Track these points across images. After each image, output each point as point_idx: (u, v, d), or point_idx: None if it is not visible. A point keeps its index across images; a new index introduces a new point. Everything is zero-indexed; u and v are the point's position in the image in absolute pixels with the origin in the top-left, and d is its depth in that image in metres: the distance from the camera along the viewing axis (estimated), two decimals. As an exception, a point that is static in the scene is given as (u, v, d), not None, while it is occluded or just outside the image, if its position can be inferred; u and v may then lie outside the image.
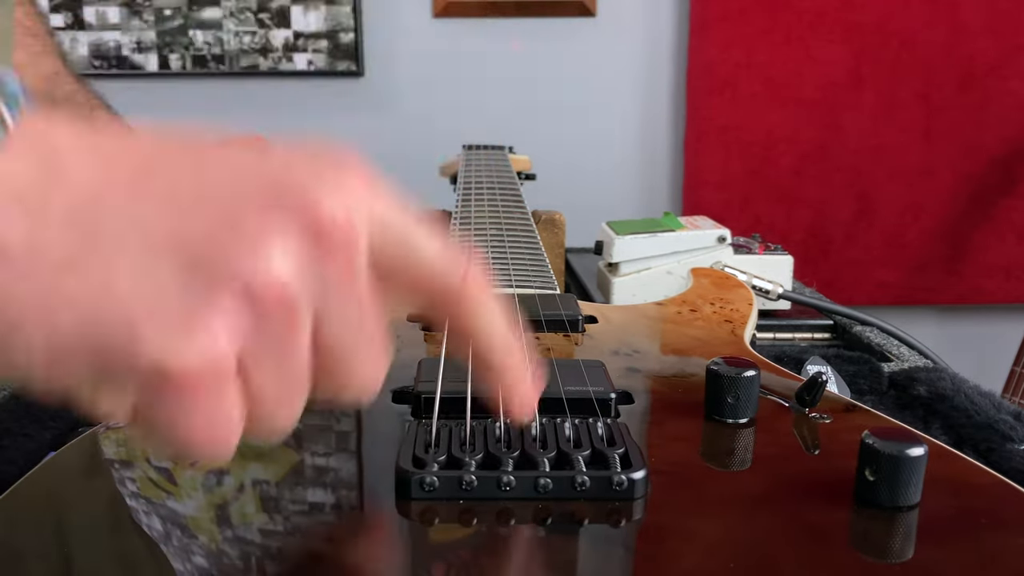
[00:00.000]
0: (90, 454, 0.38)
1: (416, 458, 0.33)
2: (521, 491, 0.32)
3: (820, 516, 0.32)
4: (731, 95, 1.80)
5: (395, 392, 0.42)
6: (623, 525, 0.32)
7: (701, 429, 0.40)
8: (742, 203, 1.84)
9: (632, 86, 1.87)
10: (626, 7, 1.83)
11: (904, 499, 0.32)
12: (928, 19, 1.77)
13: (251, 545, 0.30)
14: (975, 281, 1.89)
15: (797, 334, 0.79)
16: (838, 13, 1.77)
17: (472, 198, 0.80)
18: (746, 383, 0.39)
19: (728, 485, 0.35)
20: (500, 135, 1.32)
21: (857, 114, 1.81)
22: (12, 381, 0.26)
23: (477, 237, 0.67)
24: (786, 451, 0.38)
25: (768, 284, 0.78)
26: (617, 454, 0.34)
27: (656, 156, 1.90)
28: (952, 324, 1.97)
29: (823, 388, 0.41)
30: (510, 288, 0.56)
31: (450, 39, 1.84)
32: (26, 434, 0.50)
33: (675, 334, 0.54)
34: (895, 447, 0.32)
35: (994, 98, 1.80)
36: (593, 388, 0.40)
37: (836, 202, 1.85)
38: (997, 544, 0.31)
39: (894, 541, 0.31)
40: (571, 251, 1.03)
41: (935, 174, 1.83)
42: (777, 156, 1.83)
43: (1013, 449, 0.49)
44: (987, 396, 0.56)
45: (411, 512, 0.32)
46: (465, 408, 0.37)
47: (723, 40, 1.78)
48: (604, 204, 1.76)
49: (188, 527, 0.32)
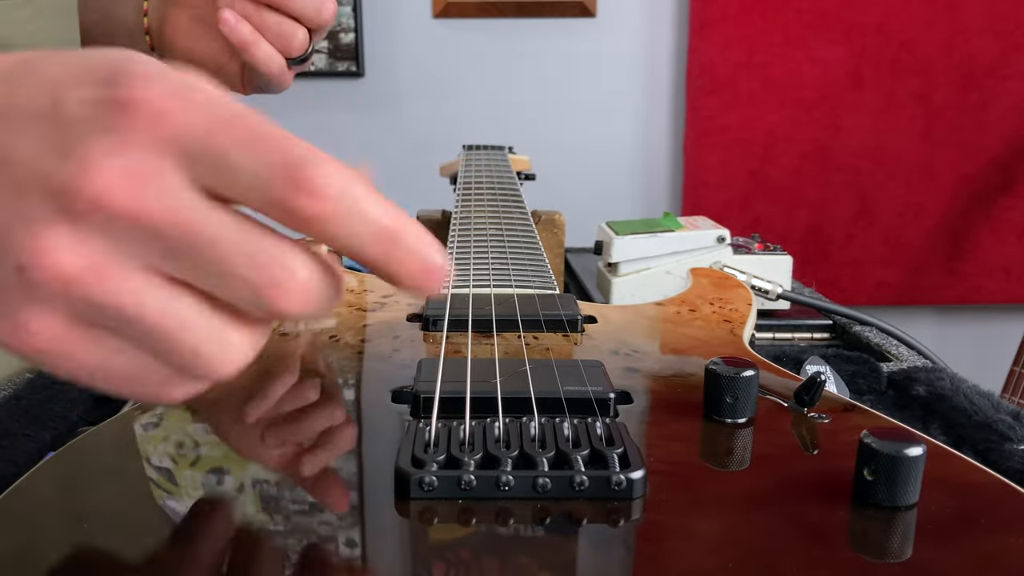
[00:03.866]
0: (90, 454, 0.38)
1: (415, 458, 0.33)
2: (520, 491, 0.32)
3: (819, 516, 0.32)
4: (731, 95, 1.80)
5: (395, 392, 0.42)
6: (622, 525, 0.32)
7: (700, 429, 0.40)
8: (742, 203, 1.84)
9: (632, 86, 1.87)
10: (626, 7, 1.83)
11: (903, 499, 0.32)
12: (928, 19, 1.77)
13: (250, 545, 0.31)
14: (975, 281, 1.89)
15: (796, 334, 0.79)
16: (838, 13, 1.77)
17: (472, 198, 0.80)
18: (745, 383, 0.39)
19: (727, 485, 0.35)
20: (500, 135, 1.32)
21: (857, 114, 1.81)
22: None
23: (477, 237, 0.67)
24: (785, 451, 0.38)
25: (767, 284, 0.78)
26: (616, 454, 0.34)
27: (656, 156, 1.90)
28: (951, 324, 1.97)
29: (822, 388, 0.41)
30: (510, 288, 0.56)
31: (450, 39, 1.84)
32: (26, 434, 0.50)
33: (674, 334, 0.54)
34: (894, 447, 0.32)
35: (994, 98, 1.80)
36: (592, 388, 0.40)
37: (836, 202, 1.85)
38: (996, 544, 0.31)
39: (893, 541, 0.31)
40: (571, 251, 1.03)
41: (935, 174, 1.84)
42: (777, 156, 1.83)
43: (1012, 449, 0.49)
44: (986, 396, 0.56)
45: (410, 512, 0.32)
46: (464, 408, 0.37)
47: (723, 40, 1.78)
48: (604, 204, 1.77)
49: (188, 527, 0.32)
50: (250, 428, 0.40)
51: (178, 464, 0.37)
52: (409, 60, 1.84)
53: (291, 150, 0.27)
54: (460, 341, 0.48)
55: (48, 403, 0.53)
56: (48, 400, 0.54)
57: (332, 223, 0.27)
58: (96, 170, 0.27)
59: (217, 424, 0.41)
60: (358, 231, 0.28)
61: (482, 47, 1.84)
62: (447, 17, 1.82)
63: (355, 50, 1.81)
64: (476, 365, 0.42)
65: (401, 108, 1.86)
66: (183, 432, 0.39)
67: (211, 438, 0.39)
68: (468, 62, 1.85)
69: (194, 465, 0.36)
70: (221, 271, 0.28)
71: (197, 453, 0.37)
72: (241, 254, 0.27)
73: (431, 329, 0.51)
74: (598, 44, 1.84)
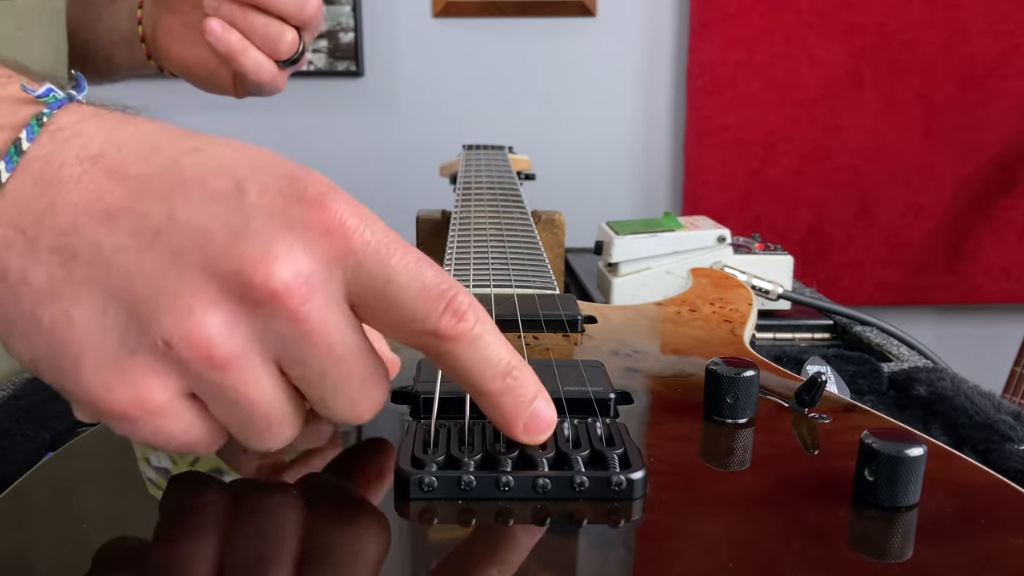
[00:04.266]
0: (89, 454, 0.38)
1: (415, 458, 0.33)
2: (520, 491, 0.32)
3: (819, 516, 0.32)
4: (731, 95, 1.80)
5: (394, 392, 0.42)
6: (622, 525, 0.32)
7: (700, 429, 0.40)
8: (742, 203, 1.84)
9: (632, 86, 1.87)
10: (626, 7, 1.83)
11: (903, 499, 0.32)
12: (928, 19, 1.77)
13: (247, 545, 0.30)
14: (975, 281, 1.89)
15: (797, 334, 0.79)
16: (838, 13, 1.77)
17: (472, 198, 0.80)
18: (745, 383, 0.39)
19: (727, 485, 0.35)
20: (500, 135, 1.32)
21: (857, 114, 1.81)
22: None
23: (477, 237, 0.67)
24: (785, 451, 0.38)
25: (768, 284, 0.78)
26: (616, 454, 0.34)
27: (656, 156, 1.90)
28: (952, 324, 1.97)
29: (822, 388, 0.41)
30: (510, 288, 0.56)
31: (450, 39, 1.84)
32: (25, 435, 0.50)
33: (674, 334, 0.54)
34: (894, 447, 0.32)
35: (994, 98, 1.80)
36: (592, 388, 0.40)
37: (836, 202, 1.85)
38: (996, 544, 0.31)
39: (893, 541, 0.31)
40: (571, 251, 1.03)
41: (935, 174, 1.83)
42: (777, 156, 1.83)
43: (1013, 449, 0.49)
44: (987, 396, 0.56)
45: (410, 512, 0.32)
46: (464, 408, 0.37)
47: (723, 40, 1.78)
48: (604, 204, 1.77)
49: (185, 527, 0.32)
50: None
51: (177, 464, 0.37)
52: (409, 60, 1.84)
53: (443, 278, 0.30)
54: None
55: (47, 403, 0.53)
56: (47, 400, 0.54)
57: (471, 347, 0.30)
58: (279, 264, 0.27)
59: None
60: (481, 359, 0.31)
61: (482, 47, 1.84)
62: (447, 16, 1.82)
63: (354, 49, 1.81)
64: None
65: (401, 108, 1.86)
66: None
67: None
68: (468, 62, 1.85)
69: (193, 465, 0.36)
70: (335, 387, 0.30)
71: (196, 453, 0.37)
72: (355, 375, 0.30)
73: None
74: (598, 44, 1.84)
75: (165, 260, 0.27)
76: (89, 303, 0.27)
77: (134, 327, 0.27)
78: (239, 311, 0.28)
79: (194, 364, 0.28)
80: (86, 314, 0.27)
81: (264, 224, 0.28)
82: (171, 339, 0.27)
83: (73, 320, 0.27)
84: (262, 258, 0.27)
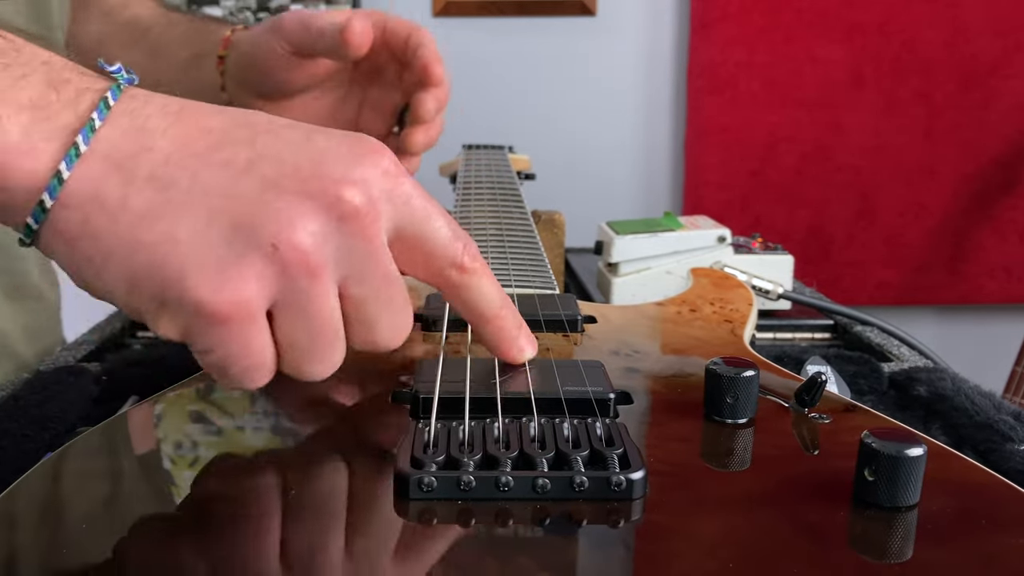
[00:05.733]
0: (88, 454, 0.38)
1: (414, 458, 0.33)
2: (519, 491, 0.32)
3: (819, 517, 0.32)
4: (731, 95, 1.80)
5: (394, 392, 0.42)
6: (622, 525, 0.32)
7: (700, 429, 0.40)
8: (742, 203, 1.84)
9: (632, 86, 1.86)
10: (626, 7, 1.83)
11: (903, 499, 0.32)
12: (929, 19, 1.77)
13: (247, 545, 0.30)
14: (976, 281, 1.89)
15: (797, 334, 0.79)
16: (838, 13, 1.76)
17: (472, 198, 0.80)
18: (745, 383, 0.39)
19: (727, 485, 0.35)
20: (500, 135, 1.32)
21: (857, 114, 1.81)
22: (103, 299, 0.34)
23: (477, 237, 0.67)
24: (785, 451, 0.38)
25: (768, 284, 0.77)
26: (616, 454, 0.34)
27: (656, 156, 1.89)
28: (952, 324, 1.96)
29: (823, 388, 0.41)
30: (510, 288, 0.56)
31: (450, 38, 1.83)
32: (24, 435, 0.50)
33: (675, 334, 0.54)
34: (894, 447, 0.32)
35: (995, 98, 1.80)
36: (592, 388, 0.40)
37: (836, 202, 1.85)
38: (996, 545, 0.31)
39: (893, 541, 0.31)
40: (571, 251, 1.03)
41: (936, 174, 1.83)
42: (777, 156, 1.82)
43: (1013, 449, 0.49)
44: (987, 396, 0.56)
45: (409, 512, 0.32)
46: (464, 408, 0.37)
47: (723, 40, 1.77)
48: (604, 204, 1.76)
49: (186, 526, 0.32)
50: (247, 427, 0.40)
51: (176, 464, 0.37)
52: (409, 60, 1.84)
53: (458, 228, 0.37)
54: (460, 341, 0.48)
55: (46, 404, 0.53)
56: (46, 401, 0.53)
57: (482, 280, 0.38)
58: (357, 188, 0.33)
59: (212, 424, 0.41)
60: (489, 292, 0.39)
61: (482, 46, 1.84)
62: (447, 16, 1.82)
63: (355, 50, 1.81)
64: (476, 365, 0.42)
65: (401, 108, 1.86)
66: (181, 432, 0.39)
67: (209, 438, 0.39)
68: (468, 61, 1.84)
69: (192, 465, 0.36)
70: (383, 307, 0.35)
71: (195, 453, 0.37)
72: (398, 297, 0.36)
73: (431, 329, 0.51)
74: (598, 43, 1.84)
75: (262, 183, 0.32)
76: (192, 222, 0.32)
77: (240, 237, 0.32)
78: (327, 227, 0.32)
79: (292, 268, 0.32)
80: (189, 231, 0.31)
81: (338, 157, 0.33)
82: (279, 242, 0.31)
83: (176, 237, 0.31)
84: (343, 179, 0.33)
